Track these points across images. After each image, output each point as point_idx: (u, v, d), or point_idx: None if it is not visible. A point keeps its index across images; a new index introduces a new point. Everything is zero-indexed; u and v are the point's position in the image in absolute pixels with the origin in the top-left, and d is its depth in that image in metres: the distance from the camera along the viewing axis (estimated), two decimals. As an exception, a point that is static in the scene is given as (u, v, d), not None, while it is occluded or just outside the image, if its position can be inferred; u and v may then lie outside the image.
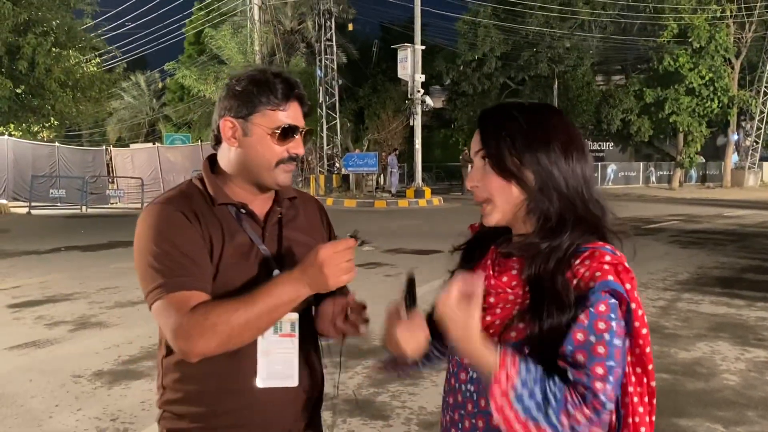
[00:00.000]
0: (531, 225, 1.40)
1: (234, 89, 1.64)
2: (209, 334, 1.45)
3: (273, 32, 31.22)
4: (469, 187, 1.46)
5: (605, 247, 1.33)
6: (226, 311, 1.46)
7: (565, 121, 1.43)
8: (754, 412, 4.55)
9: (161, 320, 1.52)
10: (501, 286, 1.41)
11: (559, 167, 1.37)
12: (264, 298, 1.48)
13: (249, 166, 1.65)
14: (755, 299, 8.01)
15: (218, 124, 1.66)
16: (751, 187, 36.43)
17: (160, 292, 1.51)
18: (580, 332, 1.25)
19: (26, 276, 9.85)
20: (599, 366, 1.23)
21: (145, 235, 1.58)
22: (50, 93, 25.39)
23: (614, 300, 1.27)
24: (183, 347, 1.47)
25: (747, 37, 34.83)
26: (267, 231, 1.69)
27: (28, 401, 4.81)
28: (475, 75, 36.82)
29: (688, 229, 16.06)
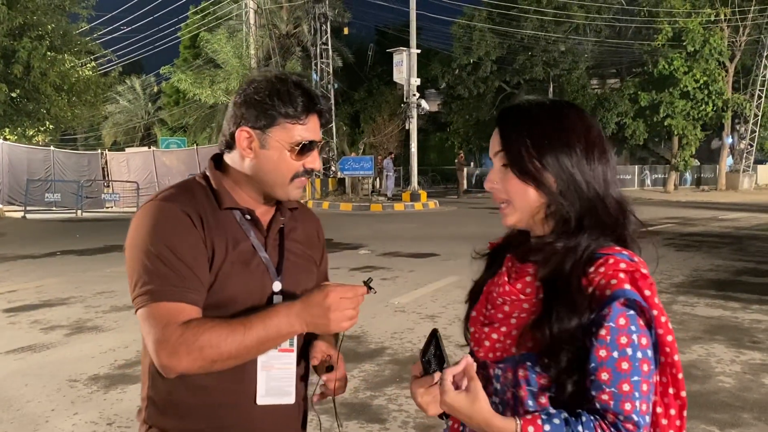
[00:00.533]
0: (549, 227, 1.37)
1: (252, 97, 1.55)
2: (195, 355, 1.39)
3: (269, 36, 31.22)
4: (487, 188, 1.43)
5: (621, 254, 1.30)
6: (219, 336, 1.40)
7: (587, 120, 1.39)
8: (750, 414, 4.57)
9: (146, 328, 1.43)
10: (515, 293, 1.38)
11: (581, 169, 1.33)
12: (259, 329, 1.42)
13: (263, 179, 1.59)
14: (750, 302, 8.04)
15: (232, 131, 1.58)
16: (746, 190, 36.53)
17: (150, 298, 1.43)
18: (603, 349, 1.22)
19: (22, 280, 9.82)
20: (625, 383, 1.21)
21: (142, 232, 1.49)
22: (45, 97, 25.36)
23: (632, 311, 1.23)
24: (165, 362, 1.40)
25: (741, 40, 34.96)
26: (269, 240, 1.63)
27: (24, 405, 4.80)
28: (471, 79, 36.90)
29: (684, 232, 16.10)
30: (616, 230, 1.36)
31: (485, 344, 1.40)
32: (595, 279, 1.27)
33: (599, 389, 1.22)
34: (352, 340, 6.29)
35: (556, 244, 1.33)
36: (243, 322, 1.43)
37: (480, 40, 34.83)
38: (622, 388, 1.21)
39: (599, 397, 1.22)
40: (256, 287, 1.57)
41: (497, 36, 35.02)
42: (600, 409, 1.22)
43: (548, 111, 1.38)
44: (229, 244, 1.55)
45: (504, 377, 1.36)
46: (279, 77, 1.59)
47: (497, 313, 1.40)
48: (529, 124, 1.36)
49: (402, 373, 5.40)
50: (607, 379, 1.21)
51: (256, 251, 1.59)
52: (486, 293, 1.48)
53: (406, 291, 8.51)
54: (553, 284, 1.31)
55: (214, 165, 1.66)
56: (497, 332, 1.38)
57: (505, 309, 1.38)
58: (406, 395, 4.92)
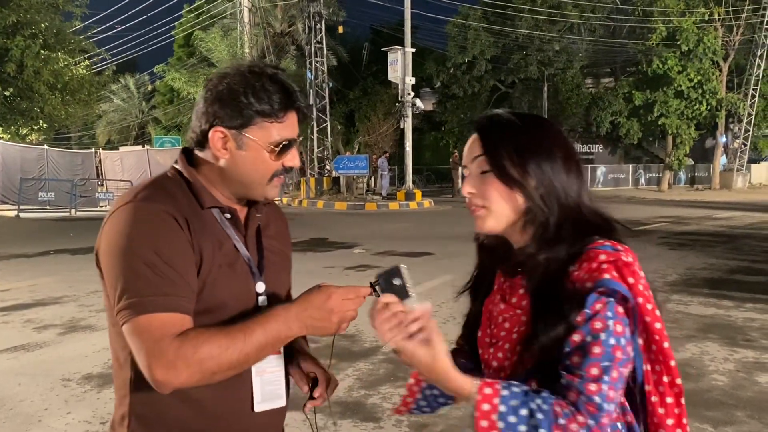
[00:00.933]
0: (528, 235, 1.37)
1: (226, 94, 1.45)
2: (195, 368, 1.31)
3: (263, 35, 31.19)
4: (465, 193, 1.42)
5: (603, 245, 1.30)
6: (219, 347, 1.32)
7: (563, 134, 1.42)
8: (743, 412, 4.58)
9: (137, 342, 1.32)
10: (512, 309, 1.38)
11: (560, 178, 1.34)
12: (259, 336, 1.35)
13: (240, 179, 1.50)
14: (744, 300, 8.06)
15: (204, 129, 1.48)
16: (740, 189, 36.65)
17: (140, 310, 1.33)
18: (577, 333, 1.23)
19: (15, 279, 9.79)
20: (594, 366, 1.20)
21: (124, 236, 1.37)
22: (39, 95, 25.27)
23: (611, 298, 1.23)
24: (161, 378, 1.30)
25: (735, 40, 35.09)
26: (248, 239, 1.56)
27: (17, 405, 4.78)
28: (466, 78, 36.91)
29: (677, 230, 16.14)
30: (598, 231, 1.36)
31: (493, 365, 1.40)
32: (579, 275, 1.27)
33: (569, 371, 1.22)
34: (347, 338, 6.29)
35: (538, 256, 1.33)
36: (242, 329, 1.35)
37: (475, 39, 34.87)
38: (590, 371, 1.20)
39: (568, 378, 1.22)
40: (243, 289, 1.51)
41: (492, 35, 35.06)
42: (564, 386, 1.22)
43: (528, 121, 1.39)
44: (215, 246, 1.47)
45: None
46: (253, 71, 1.48)
47: (500, 331, 1.40)
48: (511, 130, 1.37)
49: (396, 372, 5.40)
50: (577, 362, 1.22)
51: (239, 252, 1.52)
52: (486, 313, 1.47)
53: (400, 290, 8.45)
54: (539, 295, 1.32)
55: (187, 161, 1.55)
56: (502, 350, 1.38)
57: (506, 326, 1.39)
58: (401, 394, 4.91)
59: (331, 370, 1.68)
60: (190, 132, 1.55)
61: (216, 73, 1.52)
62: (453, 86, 37.61)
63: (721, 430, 4.29)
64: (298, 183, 27.42)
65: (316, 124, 28.39)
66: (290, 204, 26.72)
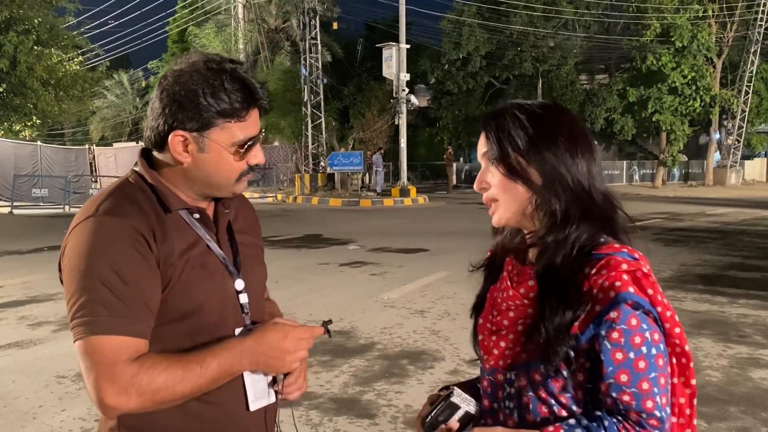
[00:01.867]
0: (539, 221, 1.39)
1: (184, 95, 1.38)
2: (147, 397, 1.29)
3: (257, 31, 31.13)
4: (476, 189, 1.46)
5: (622, 252, 1.31)
6: (174, 378, 1.30)
7: (570, 117, 1.43)
8: (737, 407, 4.60)
9: (88, 362, 1.29)
10: (519, 298, 1.40)
11: (565, 163, 1.36)
12: (213, 368, 1.34)
13: (205, 182, 1.45)
14: (737, 296, 8.09)
15: (161, 131, 1.41)
16: (733, 185, 36.78)
17: (93, 330, 1.29)
18: (619, 351, 1.24)
19: (9, 276, 9.76)
20: (644, 381, 1.23)
21: (84, 253, 1.32)
22: (32, 91, 25.19)
23: (640, 311, 1.26)
24: (112, 402, 1.27)
25: (729, 36, 35.17)
26: (220, 236, 1.52)
27: (11, 402, 4.77)
28: (460, 74, 36.88)
29: (671, 227, 16.19)
30: (606, 222, 1.38)
31: (494, 352, 1.42)
32: (598, 281, 1.28)
33: (619, 390, 1.24)
34: (342, 335, 6.29)
35: (546, 238, 1.35)
36: (198, 361, 1.33)
37: (469, 36, 34.82)
38: (641, 386, 1.23)
39: (620, 398, 1.24)
40: (219, 290, 1.47)
41: (486, 31, 35.03)
42: (623, 410, 1.25)
43: (531, 110, 1.41)
44: (185, 249, 1.43)
45: (518, 382, 1.37)
46: (210, 67, 1.40)
47: (503, 320, 1.41)
48: (512, 123, 1.39)
49: (391, 369, 5.40)
50: (626, 380, 1.23)
51: (212, 251, 1.48)
52: (490, 300, 1.49)
53: (395, 286, 8.49)
54: (547, 280, 1.33)
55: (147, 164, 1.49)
56: (505, 340, 1.40)
57: (510, 315, 1.40)
58: (396, 390, 4.93)
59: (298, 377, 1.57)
60: (147, 131, 1.46)
61: (171, 70, 1.44)
62: (447, 82, 37.57)
63: (714, 425, 4.31)
64: (292, 179, 27.38)
65: (310, 120, 28.35)
66: (285, 200, 26.69)
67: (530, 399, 1.33)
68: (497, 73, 37.37)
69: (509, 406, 1.39)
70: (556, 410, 1.31)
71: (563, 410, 1.31)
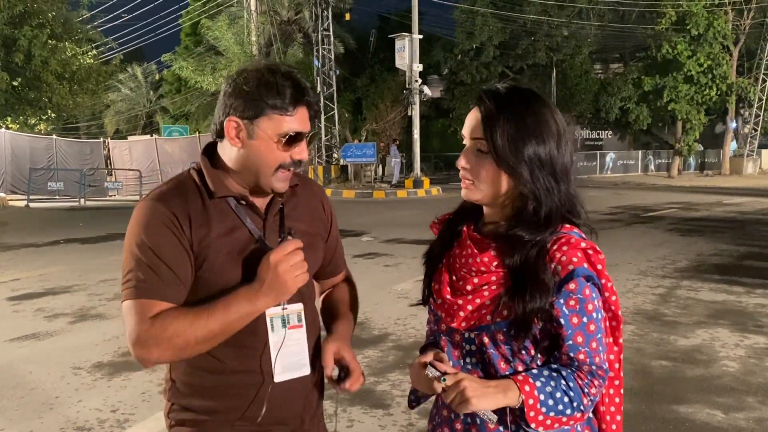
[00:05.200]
0: (508, 212, 1.51)
1: (241, 87, 1.58)
2: (164, 345, 1.48)
3: (270, 23, 31.08)
4: (459, 166, 1.52)
5: (574, 231, 1.48)
6: (183, 325, 1.49)
7: (559, 114, 1.50)
8: (754, 398, 4.56)
9: (125, 320, 1.53)
10: (484, 265, 1.49)
11: (553, 162, 1.46)
12: (222, 314, 1.51)
13: (250, 168, 1.61)
14: (754, 286, 8.02)
15: (221, 120, 1.61)
16: (750, 174, 36.44)
17: (130, 293, 1.52)
18: (575, 316, 1.42)
19: (25, 269, 9.84)
20: (593, 341, 1.43)
21: (132, 231, 1.57)
22: (47, 85, 25.30)
23: (591, 283, 1.43)
24: (138, 355, 1.50)
25: (745, 23, 34.75)
26: (268, 223, 1.66)
27: (28, 393, 4.81)
28: (473, 64, 36.73)
29: (687, 216, 16.07)
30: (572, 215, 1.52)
31: (460, 314, 1.51)
32: (557, 256, 1.43)
33: (576, 350, 1.43)
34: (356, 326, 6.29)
35: (524, 236, 1.45)
36: (206, 308, 1.51)
37: (482, 25, 34.64)
38: (591, 345, 1.43)
39: (576, 357, 1.43)
40: (254, 271, 1.58)
41: (500, 21, 34.83)
42: (577, 365, 1.43)
43: (526, 104, 1.47)
44: (223, 234, 1.60)
45: (479, 341, 1.50)
46: (269, 68, 1.61)
47: (466, 285, 1.51)
48: (510, 115, 1.45)
49: (405, 359, 5.40)
50: (581, 341, 1.43)
51: (253, 237, 1.62)
52: (446, 264, 1.59)
53: (409, 277, 8.49)
54: (522, 270, 1.45)
55: (208, 155, 1.69)
56: (471, 303, 1.49)
57: (475, 281, 1.50)
58: (410, 381, 4.92)
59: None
60: (212, 124, 1.68)
61: (238, 69, 1.66)
62: (461, 73, 37.43)
63: (731, 416, 4.27)
64: (306, 172, 27.41)
65: (323, 112, 28.30)
66: (298, 192, 26.71)
67: (491, 355, 1.48)
68: (511, 62, 37.18)
69: (471, 362, 1.52)
70: (514, 365, 1.47)
71: (520, 364, 1.47)
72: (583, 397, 1.42)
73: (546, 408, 1.39)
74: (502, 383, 1.41)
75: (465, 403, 1.38)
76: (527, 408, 1.38)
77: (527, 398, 1.38)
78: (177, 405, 1.69)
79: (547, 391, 1.40)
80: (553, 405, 1.40)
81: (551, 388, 1.40)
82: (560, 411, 1.40)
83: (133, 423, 4.27)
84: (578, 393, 1.41)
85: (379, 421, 4.26)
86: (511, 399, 1.39)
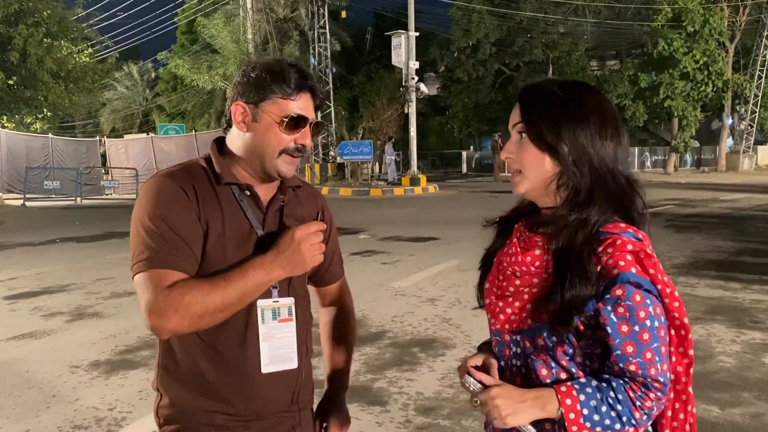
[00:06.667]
0: (560, 198, 1.45)
1: (248, 75, 1.66)
2: (183, 312, 1.49)
3: (266, 20, 31.02)
4: (503, 158, 1.51)
5: (627, 232, 1.37)
6: (201, 292, 1.50)
7: (603, 101, 1.47)
8: (750, 393, 4.57)
9: (139, 293, 1.53)
10: (525, 265, 1.45)
11: (594, 144, 1.42)
12: (238, 282, 1.53)
13: (255, 152, 1.66)
14: (750, 282, 8.04)
15: (229, 106, 1.69)
16: (746, 170, 36.49)
17: (144, 266, 1.53)
18: (624, 324, 1.33)
19: (22, 268, 9.83)
20: (647, 351, 1.33)
21: (141, 205, 1.60)
22: (42, 84, 25.28)
23: (642, 290, 1.33)
24: (155, 323, 1.50)
25: (741, 20, 34.78)
26: (268, 218, 1.69)
27: (25, 392, 4.81)
28: (470, 61, 36.73)
29: (684, 213, 16.09)
30: (624, 206, 1.43)
31: (500, 317, 1.49)
32: (603, 258, 1.35)
33: (626, 360, 1.34)
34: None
35: (569, 216, 1.40)
36: (223, 277, 1.53)
37: (479, 23, 34.64)
38: (645, 356, 1.33)
39: (627, 368, 1.34)
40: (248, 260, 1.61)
41: (496, 18, 34.83)
42: (630, 377, 1.35)
43: (568, 89, 1.46)
44: (225, 220, 1.63)
45: (523, 344, 1.45)
46: (276, 59, 1.68)
47: (509, 286, 1.48)
48: (549, 98, 1.45)
49: (402, 356, 5.41)
50: (632, 351, 1.34)
51: (253, 228, 1.66)
52: (497, 263, 1.55)
53: (406, 275, 8.49)
54: (564, 255, 1.39)
55: (217, 147, 1.74)
56: (511, 306, 1.46)
57: (516, 282, 1.46)
58: (407, 378, 4.93)
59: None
60: (224, 116, 1.74)
61: (247, 63, 1.77)
62: (457, 70, 37.43)
63: (728, 411, 4.28)
64: (302, 169, 27.40)
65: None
66: (295, 190, 26.70)
67: (533, 361, 1.42)
68: (507, 60, 37.20)
69: (516, 364, 1.48)
70: (555, 372, 1.40)
71: (562, 372, 1.40)
72: (635, 410, 1.35)
73: (591, 423, 1.34)
74: (541, 394, 1.37)
75: (499, 419, 1.37)
76: (568, 422, 1.35)
77: (567, 412, 1.34)
78: (166, 395, 1.70)
79: (592, 405, 1.34)
80: (599, 420, 1.34)
81: (596, 401, 1.34)
82: (606, 426, 1.35)
83: (131, 421, 4.26)
84: (628, 406, 1.34)
85: (376, 418, 4.27)
86: (549, 412, 1.36)
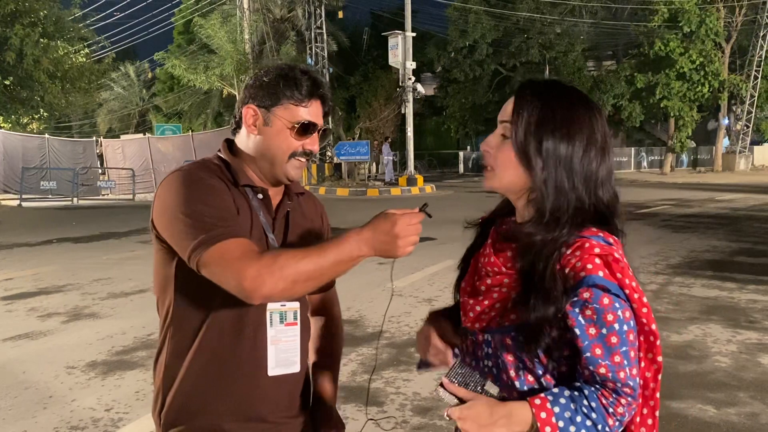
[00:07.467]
0: (530, 213, 1.42)
1: (261, 79, 1.69)
2: (277, 276, 1.45)
3: (263, 20, 31.00)
4: (482, 149, 1.49)
5: (597, 236, 1.35)
6: (295, 257, 1.47)
7: (596, 117, 1.42)
8: (746, 393, 4.59)
9: (218, 268, 1.48)
10: (498, 266, 1.43)
11: (573, 164, 1.38)
12: (333, 251, 1.49)
13: (264, 155, 1.69)
14: (746, 282, 8.06)
15: (241, 110, 1.71)
16: (742, 171, 36.57)
17: (210, 243, 1.49)
18: (592, 327, 1.31)
19: (18, 268, 9.81)
20: (616, 355, 1.32)
21: (180, 194, 1.57)
22: (39, 84, 25.23)
23: (612, 293, 1.32)
24: (249, 287, 1.45)
25: (737, 20, 34.84)
26: (276, 222, 1.73)
27: (22, 393, 4.80)
28: (467, 62, 36.76)
29: (680, 213, 16.13)
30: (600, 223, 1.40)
31: (470, 315, 1.49)
32: (571, 261, 1.33)
33: (596, 363, 1.32)
34: (349, 323, 6.30)
35: (535, 236, 1.37)
36: (318, 247, 1.50)
37: (475, 23, 34.66)
38: (614, 359, 1.32)
39: (597, 371, 1.32)
40: None
41: (493, 18, 34.86)
42: (600, 381, 1.33)
43: (563, 99, 1.42)
44: (244, 221, 1.64)
45: (494, 343, 1.44)
46: (289, 65, 1.72)
47: (481, 285, 1.47)
48: (541, 106, 1.40)
49: (399, 357, 5.41)
50: (600, 353, 1.32)
51: (265, 232, 1.69)
52: (474, 264, 1.56)
53: (402, 275, 8.48)
54: (528, 276, 1.37)
55: (228, 148, 1.76)
56: (480, 305, 1.46)
57: (488, 282, 1.45)
58: (404, 378, 4.94)
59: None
60: (232, 117, 1.78)
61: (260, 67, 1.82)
62: (454, 70, 37.45)
63: (723, 411, 4.30)
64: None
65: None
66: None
67: (503, 361, 1.41)
68: (504, 60, 37.22)
69: (488, 365, 1.46)
70: (522, 373, 1.39)
71: (529, 374, 1.39)
72: (608, 417, 1.33)
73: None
74: (514, 410, 1.34)
75: None
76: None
77: (543, 426, 1.32)
78: (169, 400, 1.68)
79: (566, 417, 1.32)
80: (573, 428, 1.32)
81: (570, 412, 1.32)
82: None
83: (128, 422, 4.27)
84: (602, 414, 1.32)
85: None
86: (523, 427, 1.33)
